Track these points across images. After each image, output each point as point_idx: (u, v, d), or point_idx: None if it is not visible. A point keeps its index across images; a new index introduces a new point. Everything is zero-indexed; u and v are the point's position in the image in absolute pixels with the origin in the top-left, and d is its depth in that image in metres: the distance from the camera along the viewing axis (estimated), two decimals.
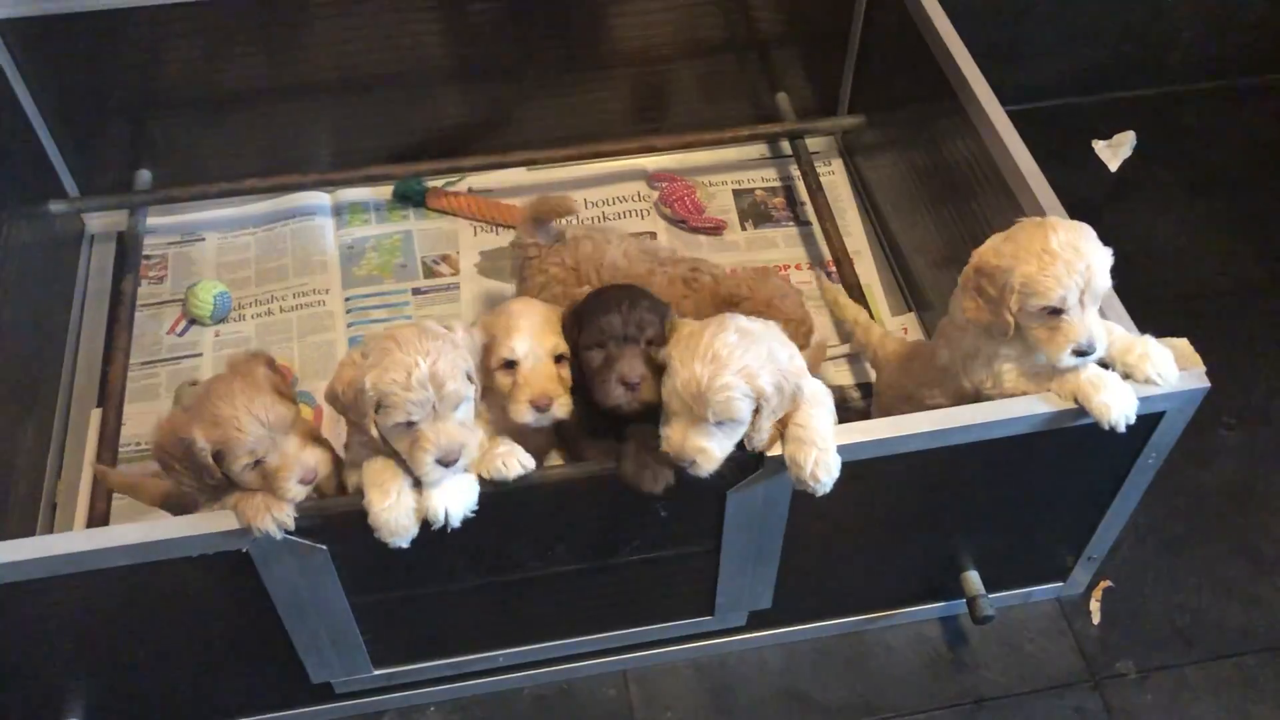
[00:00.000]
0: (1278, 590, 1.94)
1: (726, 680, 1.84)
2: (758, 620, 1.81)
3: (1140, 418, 1.54)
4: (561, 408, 1.50)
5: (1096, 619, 1.91)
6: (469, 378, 1.41)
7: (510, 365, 1.51)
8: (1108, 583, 1.94)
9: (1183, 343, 1.56)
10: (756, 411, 1.40)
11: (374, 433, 1.39)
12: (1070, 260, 1.44)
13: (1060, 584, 1.90)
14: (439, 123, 2.46)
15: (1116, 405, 1.46)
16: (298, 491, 1.40)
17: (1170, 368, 1.52)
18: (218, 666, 1.66)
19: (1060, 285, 1.44)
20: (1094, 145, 2.67)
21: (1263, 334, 2.30)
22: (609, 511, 1.56)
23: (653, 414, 1.46)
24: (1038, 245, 1.45)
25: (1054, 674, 1.85)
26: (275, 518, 1.38)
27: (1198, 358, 1.55)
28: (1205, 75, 2.80)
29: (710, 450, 1.40)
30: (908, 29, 2.12)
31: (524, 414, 1.49)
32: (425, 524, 1.41)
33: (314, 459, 1.42)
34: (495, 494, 1.44)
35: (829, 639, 1.88)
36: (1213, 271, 2.42)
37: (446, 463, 1.37)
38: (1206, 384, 1.52)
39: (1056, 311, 1.46)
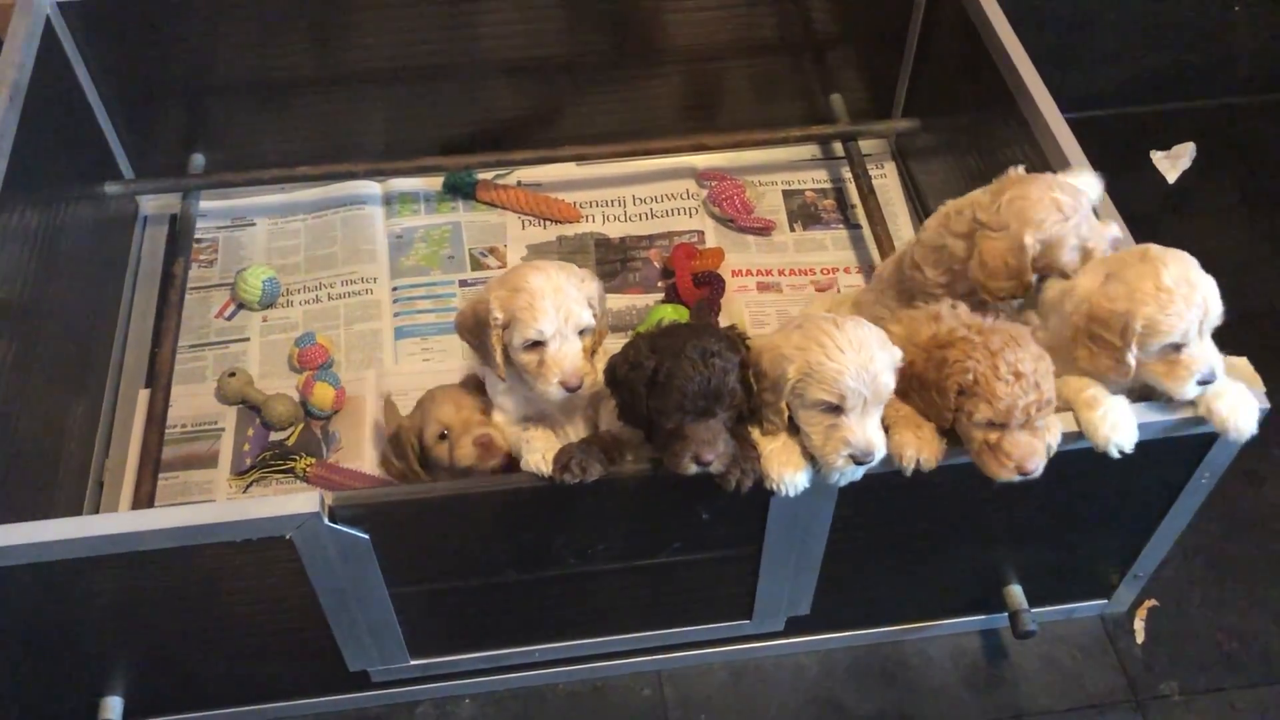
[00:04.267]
0: None
1: (762, 685, 1.83)
2: (796, 626, 1.80)
3: (1196, 436, 1.51)
4: (590, 384, 1.51)
5: (1141, 638, 1.88)
6: None
7: (536, 345, 1.50)
8: (1153, 602, 1.91)
9: (1243, 361, 1.53)
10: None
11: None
12: (1187, 295, 1.41)
13: (1105, 601, 1.87)
14: (490, 115, 2.46)
15: (1115, 427, 1.44)
16: (555, 393, 1.50)
17: (1249, 417, 1.47)
18: (256, 651, 1.67)
19: (1183, 321, 1.41)
20: (1152, 156, 2.63)
21: None
22: (651, 512, 1.56)
23: None
24: (1150, 284, 1.42)
25: (1095, 692, 1.82)
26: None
27: (1258, 378, 1.52)
28: (1269, 88, 2.74)
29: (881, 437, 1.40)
30: (967, 32, 2.09)
31: (555, 393, 1.49)
32: (456, 509, 1.43)
33: (485, 435, 1.59)
34: (538, 489, 1.44)
35: (866, 647, 1.86)
36: (1273, 290, 2.37)
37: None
38: (1266, 405, 1.49)
39: (1177, 346, 1.43)
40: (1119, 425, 1.43)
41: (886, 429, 1.43)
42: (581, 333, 1.52)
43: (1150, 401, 1.49)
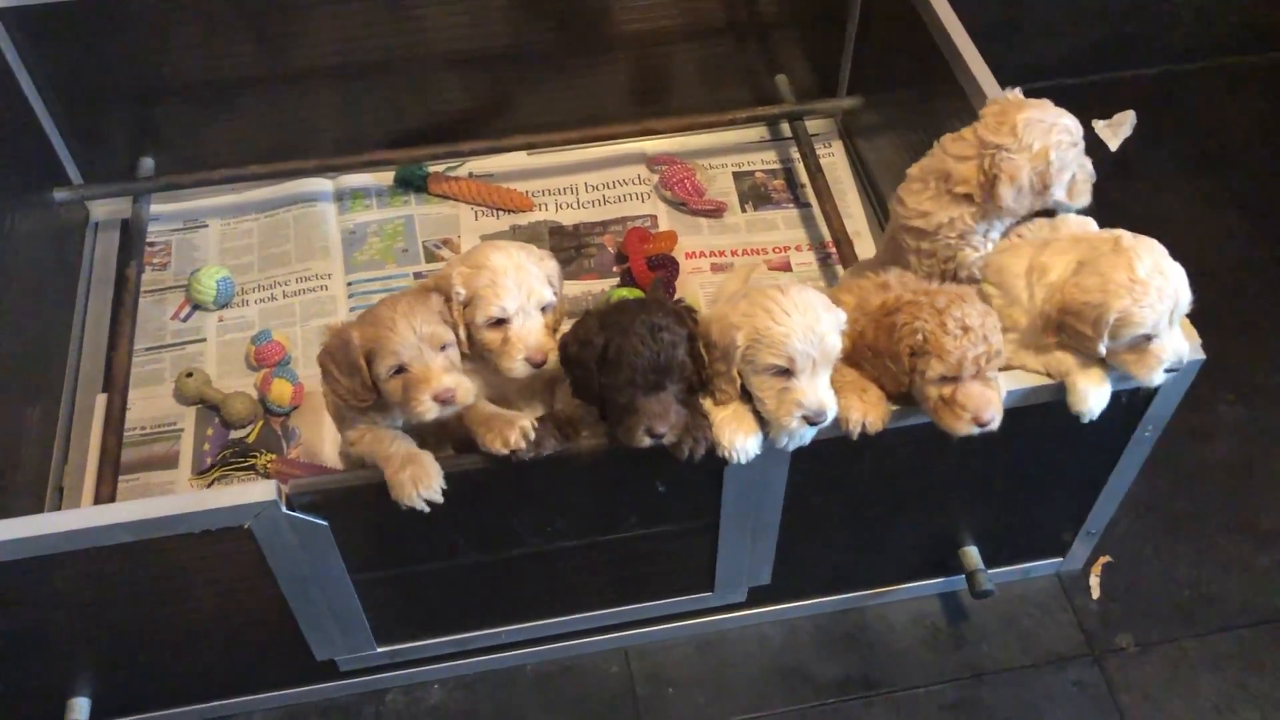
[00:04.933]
0: (1277, 565, 1.94)
1: (727, 656, 1.86)
2: (758, 596, 1.83)
3: (1136, 391, 1.55)
4: (553, 361, 1.52)
5: (1096, 594, 1.92)
6: None
7: (500, 323, 1.52)
8: (1107, 558, 1.95)
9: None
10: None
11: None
12: (1161, 286, 1.44)
13: (1059, 559, 1.91)
14: (440, 108, 2.47)
15: (1096, 396, 1.48)
16: (430, 408, 1.42)
17: (1184, 347, 1.51)
18: (223, 644, 1.67)
19: (1155, 313, 1.44)
20: (1094, 125, 2.67)
21: (1263, 312, 2.31)
22: (608, 487, 1.58)
23: None
24: (1124, 275, 1.44)
25: (1054, 648, 1.86)
26: (422, 494, 1.41)
27: (1193, 331, 1.55)
28: (1205, 54, 2.80)
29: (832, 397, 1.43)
30: (906, 9, 2.12)
31: (520, 369, 1.51)
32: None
33: (455, 382, 1.44)
34: (494, 469, 1.46)
35: (829, 615, 1.89)
36: (1213, 250, 2.42)
37: None
38: (1201, 356, 1.53)
39: (1149, 337, 1.46)
40: (1100, 395, 1.48)
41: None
42: (543, 310, 1.55)
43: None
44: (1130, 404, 1.57)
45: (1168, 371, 1.48)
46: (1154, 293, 1.43)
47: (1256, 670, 1.82)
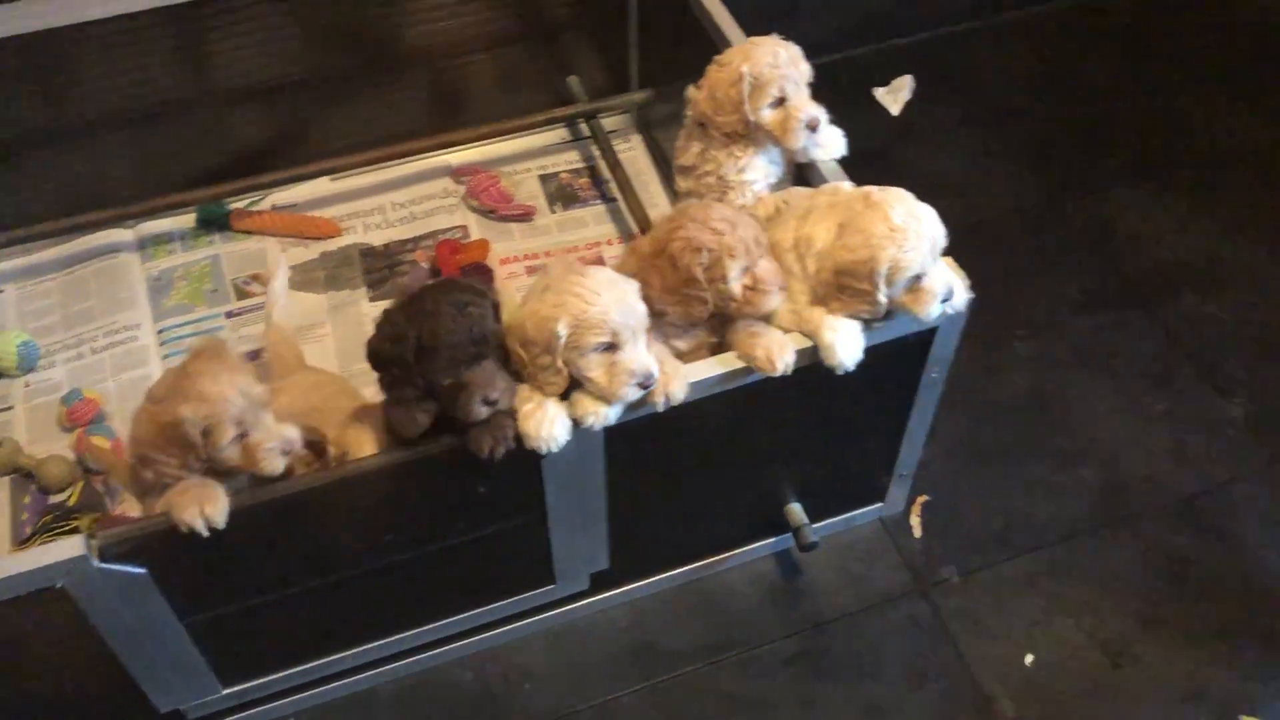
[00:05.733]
0: (1076, 481, 2.08)
1: (579, 645, 1.90)
2: (600, 582, 1.87)
3: (916, 336, 1.65)
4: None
5: (918, 532, 2.03)
6: None
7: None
8: (925, 497, 2.06)
9: (948, 261, 1.67)
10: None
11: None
12: (917, 229, 1.54)
13: (880, 505, 2.02)
14: (235, 143, 2.44)
15: (844, 347, 1.57)
16: (278, 464, 1.46)
17: (958, 282, 1.62)
18: (58, 711, 1.63)
19: (919, 253, 1.53)
20: (875, 93, 2.81)
21: (1045, 251, 2.47)
22: (431, 495, 1.60)
23: None
24: (883, 226, 1.54)
25: (884, 589, 1.96)
26: (206, 514, 1.41)
27: (962, 272, 1.66)
28: (970, 15, 2.97)
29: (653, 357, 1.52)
30: (676, 2, 2.20)
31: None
32: (232, 526, 1.43)
33: (293, 433, 1.49)
34: (312, 491, 1.46)
35: (671, 590, 1.95)
36: (996, 197, 2.57)
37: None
38: (969, 296, 1.63)
39: (919, 276, 1.55)
40: (849, 345, 1.57)
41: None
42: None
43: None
44: (914, 348, 1.67)
45: (943, 303, 1.58)
46: (913, 236, 1.54)
47: (1065, 580, 1.95)
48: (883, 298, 1.56)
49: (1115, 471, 2.09)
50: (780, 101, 1.81)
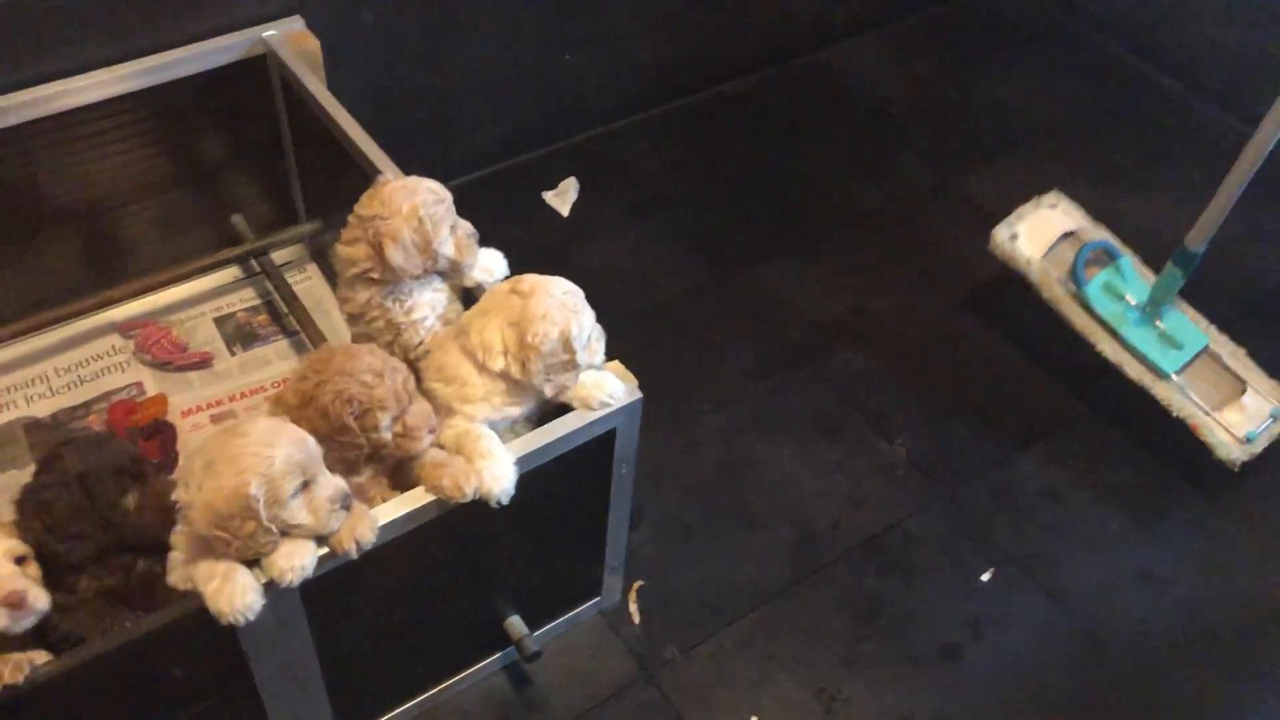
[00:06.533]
0: (774, 540, 2.23)
1: None
2: None
3: (598, 440, 1.73)
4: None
5: (637, 619, 2.10)
6: None
7: None
8: (640, 583, 2.14)
9: (615, 365, 1.77)
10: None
11: None
12: (577, 299, 1.68)
13: (598, 599, 2.08)
14: None
15: (500, 480, 1.61)
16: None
17: (616, 385, 1.72)
18: None
19: (589, 315, 1.67)
20: (544, 196, 2.92)
21: (717, 326, 2.64)
22: (128, 688, 1.51)
23: None
24: (552, 301, 1.65)
25: (613, 681, 2.01)
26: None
27: (630, 375, 1.76)
28: (620, 114, 3.16)
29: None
30: (323, 135, 2.22)
31: None
32: None
33: (25, 586, 1.51)
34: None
35: None
36: (666, 283, 2.73)
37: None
38: (639, 395, 1.73)
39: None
40: (501, 477, 1.60)
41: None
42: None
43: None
44: (597, 450, 1.75)
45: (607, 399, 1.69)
46: (576, 300, 1.67)
47: (777, 637, 2.08)
48: (582, 360, 1.67)
49: (805, 525, 2.26)
50: (452, 228, 1.85)
